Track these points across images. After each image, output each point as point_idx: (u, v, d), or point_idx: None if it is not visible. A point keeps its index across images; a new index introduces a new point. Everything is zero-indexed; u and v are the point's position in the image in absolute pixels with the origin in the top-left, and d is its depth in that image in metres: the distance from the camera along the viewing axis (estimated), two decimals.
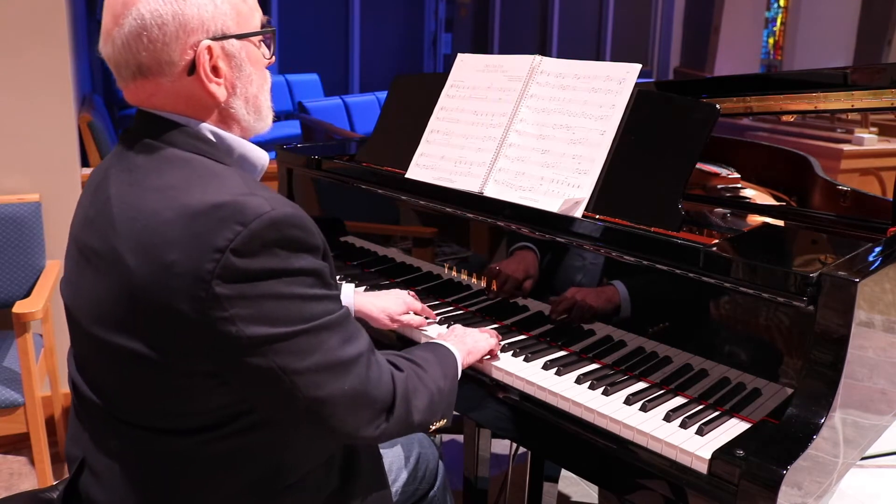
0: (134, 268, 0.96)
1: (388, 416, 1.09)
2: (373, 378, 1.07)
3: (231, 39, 1.05)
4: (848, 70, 1.72)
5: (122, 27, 1.01)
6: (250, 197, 0.96)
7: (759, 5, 9.43)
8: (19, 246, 2.43)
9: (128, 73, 1.04)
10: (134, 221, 0.98)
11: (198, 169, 1.01)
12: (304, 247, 0.99)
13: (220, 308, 0.93)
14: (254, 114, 1.11)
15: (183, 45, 1.01)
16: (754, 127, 4.02)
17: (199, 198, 0.96)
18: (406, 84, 2.04)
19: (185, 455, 1.05)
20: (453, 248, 1.75)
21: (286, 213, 0.97)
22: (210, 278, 0.92)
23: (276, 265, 0.95)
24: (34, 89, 2.47)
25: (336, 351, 1.01)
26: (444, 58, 9.46)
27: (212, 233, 0.93)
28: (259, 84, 1.12)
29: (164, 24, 1.00)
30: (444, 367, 1.27)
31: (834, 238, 1.56)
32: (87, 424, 1.13)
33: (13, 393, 2.16)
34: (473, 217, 1.67)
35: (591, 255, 1.47)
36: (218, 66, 1.04)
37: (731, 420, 1.26)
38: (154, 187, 1.00)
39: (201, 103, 1.06)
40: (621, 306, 1.43)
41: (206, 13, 1.02)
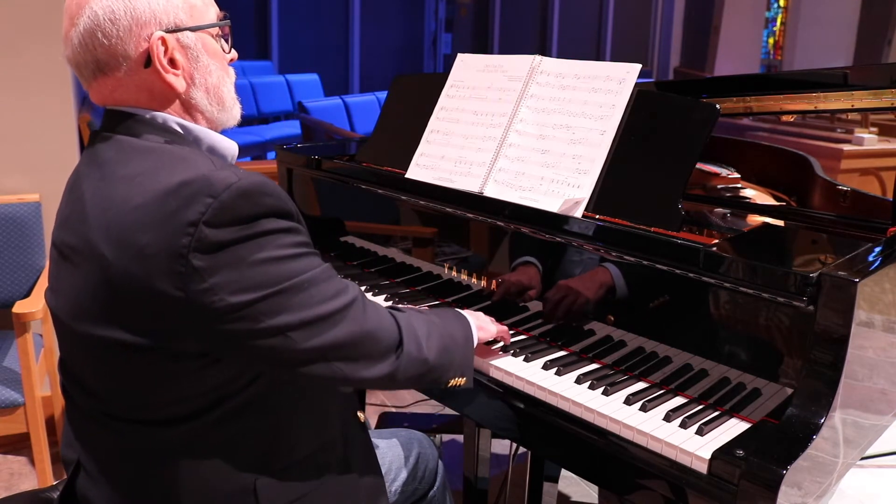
0: (110, 257, 0.97)
1: (398, 351, 1.10)
2: (371, 319, 1.07)
3: (185, 32, 1.08)
4: (848, 70, 1.72)
5: (77, 27, 1.04)
6: (217, 171, 0.98)
7: (759, 5, 9.42)
8: (19, 246, 2.44)
9: (88, 73, 1.08)
10: (106, 212, 1.00)
11: (164, 156, 1.03)
12: (276, 211, 1.00)
13: (200, 280, 0.94)
14: (216, 105, 1.14)
15: (137, 38, 1.04)
16: (754, 127, 4.01)
17: (167, 179, 0.98)
18: (406, 84, 2.04)
19: (179, 444, 1.05)
20: (453, 248, 1.76)
21: (254, 181, 0.99)
22: (187, 252, 0.94)
23: (249, 232, 0.97)
24: (34, 89, 2.47)
25: (325, 303, 1.02)
26: (444, 58, 9.45)
27: (183, 209, 0.95)
28: (220, 76, 1.14)
29: (116, 20, 1.03)
30: (456, 320, 1.28)
31: (834, 238, 1.56)
32: (79, 427, 1.14)
33: (13, 393, 2.16)
34: (473, 217, 1.67)
35: (591, 255, 1.47)
36: (174, 57, 1.07)
37: (731, 420, 1.26)
38: (123, 177, 1.02)
39: (162, 95, 1.09)
40: (615, 287, 1.42)
41: (157, 6, 1.05)
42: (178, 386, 1.02)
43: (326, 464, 1.18)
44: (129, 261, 0.96)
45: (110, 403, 1.07)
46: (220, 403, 1.04)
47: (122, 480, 1.08)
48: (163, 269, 0.94)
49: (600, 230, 1.45)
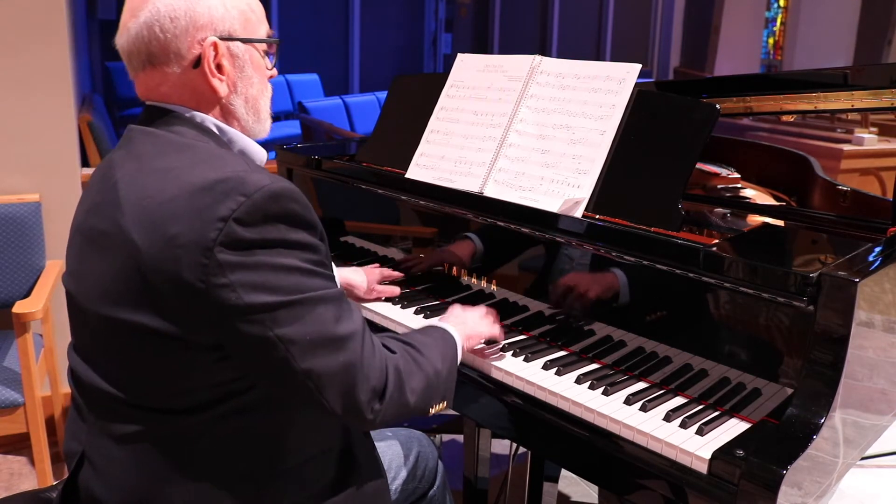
0: (140, 243, 1.00)
1: (382, 398, 1.10)
2: (366, 356, 1.08)
3: (237, 42, 1.14)
4: (848, 70, 1.72)
5: (137, 18, 1.09)
6: (251, 173, 1.02)
7: (759, 5, 9.42)
8: (19, 246, 2.43)
9: (138, 63, 1.12)
10: (140, 200, 1.03)
11: (200, 152, 1.08)
12: (303, 221, 1.04)
13: (221, 275, 0.97)
14: (253, 115, 1.19)
15: (191, 38, 1.09)
16: (754, 127, 4.01)
17: (202, 175, 1.01)
18: (406, 84, 2.04)
19: (187, 436, 1.06)
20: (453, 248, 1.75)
21: (286, 186, 1.03)
22: (213, 246, 0.97)
23: (277, 236, 1.01)
24: (34, 89, 2.47)
25: (331, 325, 1.04)
26: (444, 58, 9.46)
27: (215, 204, 0.98)
28: (260, 88, 1.19)
29: (176, 18, 1.08)
30: (442, 349, 1.27)
31: (834, 238, 1.56)
32: (87, 416, 1.14)
33: (13, 393, 2.16)
34: (473, 217, 1.67)
35: (590, 255, 1.47)
36: (222, 63, 1.12)
37: (731, 420, 1.26)
38: (159, 169, 1.05)
39: (204, 97, 1.13)
40: (619, 291, 1.42)
41: (216, 13, 1.11)
42: (191, 376, 1.04)
43: (330, 465, 1.18)
44: (159, 249, 0.99)
45: (122, 388, 1.08)
46: (230, 398, 1.06)
47: (129, 471, 1.09)
48: (189, 260, 0.97)
49: (600, 230, 1.45)
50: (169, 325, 1.01)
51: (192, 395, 1.05)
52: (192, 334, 1.01)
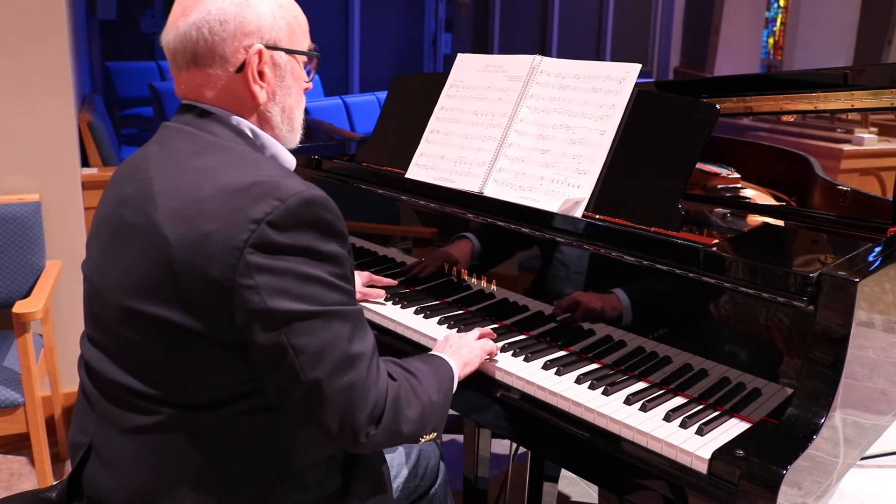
0: (171, 238, 1.01)
1: (377, 423, 1.09)
2: (371, 380, 1.08)
3: (281, 51, 1.16)
4: (848, 70, 1.72)
5: (188, 18, 1.11)
6: (286, 178, 1.04)
7: (759, 5, 9.42)
8: (19, 246, 2.43)
9: (182, 61, 1.13)
10: (174, 196, 1.04)
11: (236, 154, 1.09)
12: (333, 231, 1.05)
13: (248, 276, 0.98)
14: (287, 124, 1.21)
15: (238, 43, 1.11)
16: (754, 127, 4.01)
17: (238, 177, 1.03)
18: (406, 84, 2.04)
19: (198, 432, 1.07)
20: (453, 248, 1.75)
21: (319, 194, 1.04)
22: (243, 246, 0.98)
23: (307, 243, 1.02)
24: (34, 89, 2.47)
25: (345, 343, 1.04)
26: (444, 58, 9.45)
27: (249, 206, 1.00)
28: (296, 99, 1.21)
29: (225, 21, 1.10)
30: (438, 379, 1.26)
31: (834, 238, 1.56)
32: (99, 407, 1.13)
33: (13, 393, 2.16)
34: (473, 217, 1.67)
35: (590, 255, 1.47)
36: (264, 70, 1.14)
37: (731, 420, 1.26)
38: (194, 167, 1.07)
39: (244, 101, 1.15)
40: (623, 314, 1.43)
41: (264, 21, 1.13)
42: (214, 373, 1.05)
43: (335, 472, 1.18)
44: (190, 245, 1.00)
45: (142, 381, 1.08)
46: (248, 396, 1.07)
47: (137, 464, 1.08)
48: (219, 259, 0.99)
49: (600, 230, 1.45)
50: (194, 322, 1.02)
51: (211, 390, 1.06)
52: (217, 332, 1.02)
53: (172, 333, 1.03)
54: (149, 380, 1.07)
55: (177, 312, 1.02)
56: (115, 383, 1.10)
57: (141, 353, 1.08)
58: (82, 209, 2.60)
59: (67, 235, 2.56)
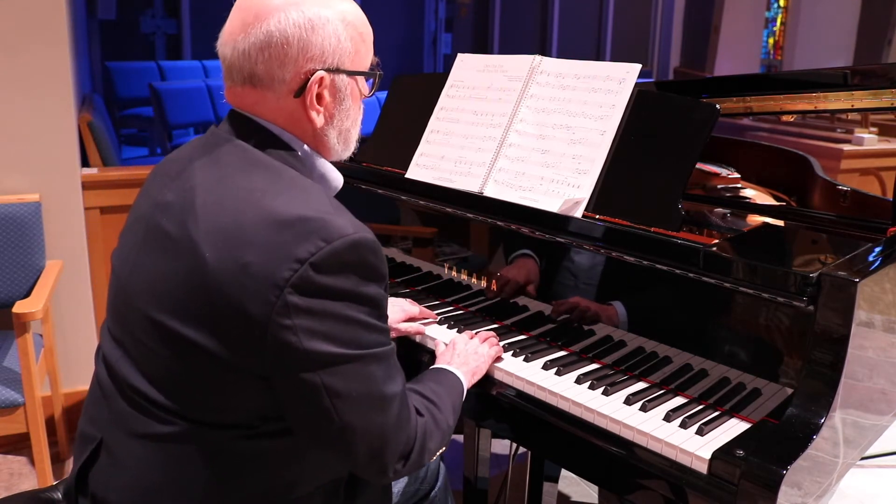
0: (210, 260, 0.98)
1: (406, 461, 1.10)
2: (403, 420, 1.08)
3: (342, 75, 1.10)
4: (848, 70, 1.72)
5: (248, 36, 1.05)
6: (335, 216, 1.00)
7: (759, 5, 9.41)
8: (19, 246, 2.43)
9: (239, 78, 1.09)
10: (217, 216, 1.01)
11: (285, 178, 1.05)
12: (376, 275, 1.02)
13: (286, 316, 0.95)
14: (342, 144, 1.17)
15: (298, 68, 1.06)
16: (754, 127, 4.01)
17: (285, 207, 0.99)
18: (406, 84, 2.04)
19: (214, 448, 1.05)
20: (453, 248, 1.76)
21: (366, 238, 1.01)
22: (284, 286, 0.95)
23: (349, 287, 0.99)
24: (34, 89, 2.47)
25: (379, 384, 1.03)
26: (444, 58, 9.45)
27: (294, 243, 0.96)
28: (354, 118, 1.17)
29: (287, 45, 1.05)
30: (453, 400, 1.27)
31: (834, 238, 1.56)
32: (114, 404, 1.12)
33: (13, 393, 2.16)
34: (473, 217, 1.67)
35: (591, 255, 1.47)
36: (323, 94, 1.09)
37: (731, 420, 1.26)
38: (242, 186, 1.03)
39: (299, 123, 1.11)
40: (623, 315, 1.43)
41: (328, 45, 1.07)
42: (233, 397, 1.03)
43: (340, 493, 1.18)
44: (229, 272, 0.97)
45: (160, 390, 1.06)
46: (264, 422, 1.05)
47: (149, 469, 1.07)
48: (257, 293, 0.95)
49: (600, 230, 1.45)
50: (220, 348, 0.99)
51: (228, 413, 1.04)
52: (242, 361, 1.00)
53: (196, 354, 1.00)
54: (166, 391, 1.06)
55: (204, 335, 0.99)
56: (132, 386, 1.08)
57: (161, 364, 1.06)
58: (82, 209, 2.60)
59: (67, 235, 2.56)
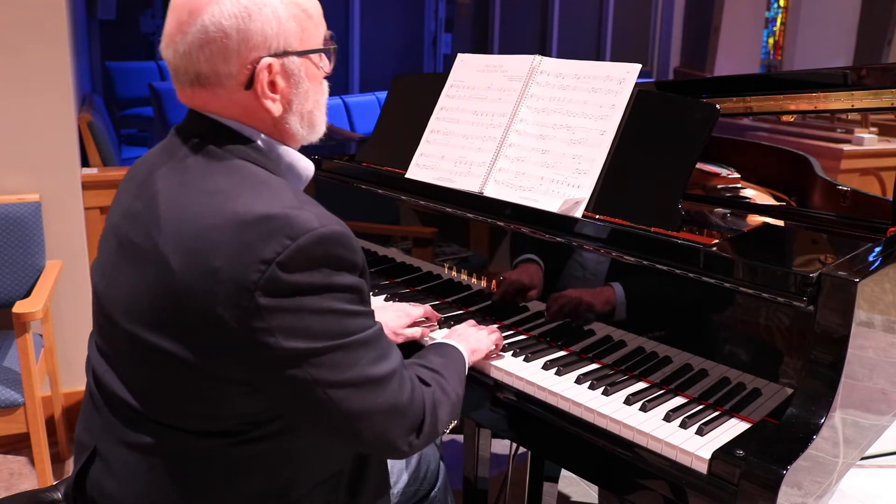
0: (177, 269, 0.96)
1: (419, 432, 1.10)
2: (405, 394, 1.07)
3: (292, 57, 1.05)
4: (848, 70, 1.71)
5: (185, 35, 1.01)
6: (300, 211, 0.97)
7: (759, 5, 9.42)
8: (19, 246, 2.43)
9: (185, 80, 1.05)
10: (180, 222, 0.99)
11: (248, 177, 1.03)
12: (347, 265, 1.00)
13: (260, 319, 0.94)
14: (307, 128, 1.13)
15: (243, 59, 1.02)
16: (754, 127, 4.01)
17: (249, 206, 0.97)
18: (406, 84, 2.04)
19: (205, 457, 1.05)
20: (453, 248, 1.76)
21: (334, 230, 0.98)
22: (254, 289, 0.93)
23: (320, 281, 0.97)
24: (34, 89, 2.47)
25: (371, 367, 1.02)
26: (444, 58, 9.45)
27: (260, 244, 0.94)
28: (315, 100, 1.12)
29: (226, 38, 1.00)
30: (458, 371, 1.27)
31: (834, 238, 1.56)
32: (104, 414, 1.12)
33: (13, 393, 2.16)
34: (473, 217, 1.67)
35: (591, 255, 1.47)
36: (276, 81, 1.05)
37: (731, 420, 1.26)
38: (204, 190, 1.01)
39: (256, 115, 1.07)
40: (616, 308, 1.43)
41: (269, 30, 1.02)
42: (215, 404, 1.02)
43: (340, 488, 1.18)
44: (197, 279, 0.95)
45: (142, 401, 1.06)
46: (254, 427, 1.04)
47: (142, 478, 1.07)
48: (227, 298, 0.94)
49: (600, 230, 1.45)
50: (197, 356, 0.98)
51: (216, 421, 1.03)
52: (222, 368, 0.99)
53: (175, 365, 0.99)
54: (151, 403, 1.05)
55: (181, 346, 0.98)
56: (118, 397, 1.08)
57: (143, 376, 1.05)
58: (82, 209, 2.60)
59: (67, 235, 2.56)
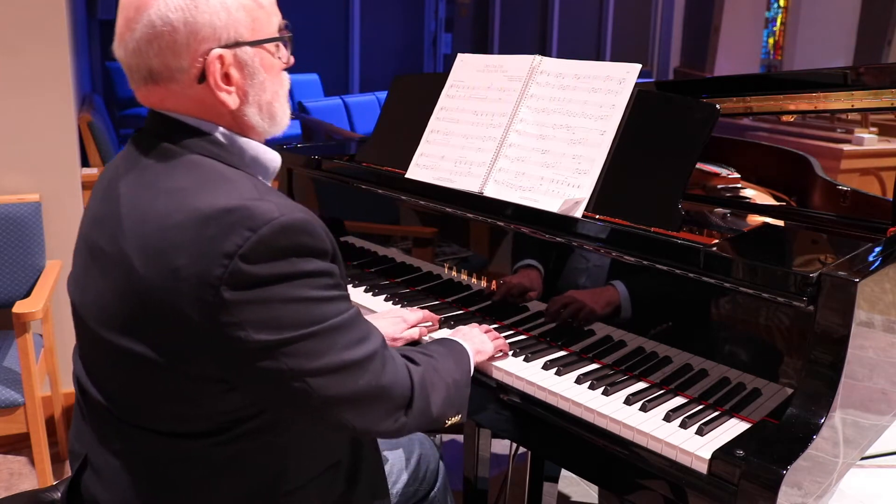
0: (141, 271, 0.96)
1: (408, 410, 1.09)
2: (388, 374, 1.06)
3: (244, 47, 1.03)
4: (848, 70, 1.71)
5: (133, 32, 1.00)
6: (260, 202, 0.96)
7: (759, 5, 9.42)
8: (19, 246, 2.43)
9: (139, 78, 1.04)
10: (142, 224, 0.98)
11: (208, 172, 1.01)
12: (313, 251, 0.98)
13: (228, 314, 0.93)
14: (268, 119, 1.11)
15: (193, 52, 1.00)
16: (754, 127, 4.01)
17: (209, 201, 0.96)
18: (406, 84, 2.04)
19: (190, 458, 1.04)
20: (453, 248, 1.75)
21: (295, 218, 0.96)
22: (218, 284, 0.92)
23: (285, 270, 0.95)
24: (34, 89, 2.47)
25: (348, 351, 1.01)
26: (444, 58, 9.46)
27: (221, 238, 0.93)
28: (273, 91, 1.10)
29: (174, 31, 0.99)
30: (457, 360, 1.27)
31: (834, 238, 1.56)
32: (91, 423, 1.13)
33: (13, 393, 2.16)
34: (473, 217, 1.67)
35: (591, 255, 1.47)
36: (230, 73, 1.03)
37: (731, 420, 1.26)
38: (163, 189, 1.00)
39: (213, 109, 1.05)
40: (621, 306, 1.43)
41: (218, 21, 1.00)
42: (194, 405, 1.01)
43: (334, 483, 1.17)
44: (161, 279, 0.94)
45: (124, 408, 1.06)
46: (235, 425, 1.03)
47: (128, 483, 1.07)
48: (193, 295, 0.93)
49: (600, 230, 1.45)
50: (167, 357, 0.97)
51: (193, 421, 1.03)
52: (194, 366, 0.98)
53: (149, 368, 0.99)
54: (131, 408, 1.05)
55: (153, 349, 0.97)
56: (101, 405, 1.08)
57: (121, 382, 1.05)
58: (82, 209, 2.60)
59: (67, 235, 2.56)
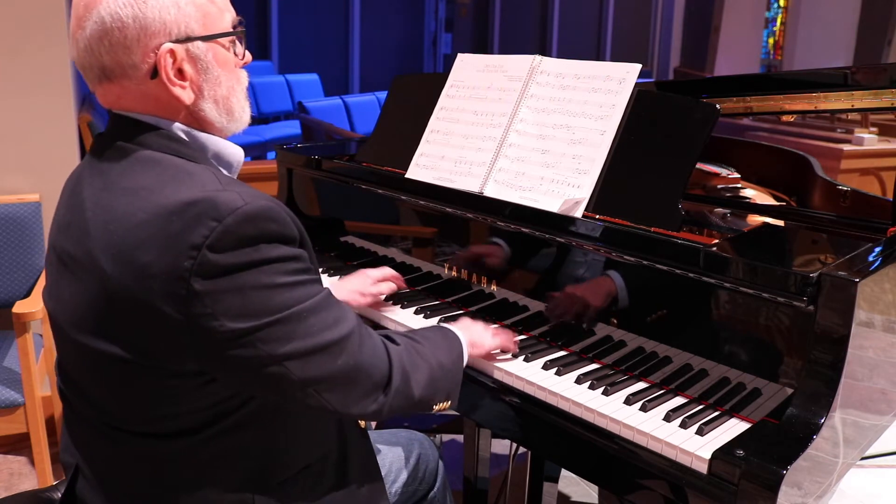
0: (110, 272, 0.96)
1: (387, 389, 1.09)
2: (366, 353, 1.07)
3: (196, 42, 1.03)
4: (848, 70, 1.72)
5: (84, 30, 1.00)
6: (223, 192, 0.96)
7: (759, 5, 9.42)
8: (19, 246, 2.44)
9: (93, 76, 1.04)
10: (107, 224, 0.98)
11: (169, 168, 1.01)
12: (280, 237, 0.99)
13: (200, 304, 0.93)
14: (226, 115, 1.10)
15: (144, 48, 1.00)
16: (754, 127, 4.01)
17: (172, 196, 0.96)
18: (406, 84, 2.04)
19: (177, 457, 1.04)
20: (453, 248, 1.75)
21: (260, 206, 0.97)
22: (188, 276, 0.92)
23: (253, 257, 0.95)
24: (34, 89, 2.47)
25: (324, 333, 1.01)
26: (444, 58, 9.46)
27: (187, 231, 0.93)
28: (229, 86, 1.10)
29: (124, 27, 0.99)
30: (446, 345, 1.26)
31: (834, 238, 1.56)
32: (77, 431, 1.13)
33: (13, 393, 2.17)
34: (473, 217, 1.67)
35: (591, 255, 1.47)
36: (183, 68, 1.03)
37: (731, 420, 1.26)
38: (126, 189, 1.00)
39: (170, 105, 1.05)
40: (618, 296, 1.42)
41: (167, 15, 1.00)
42: (177, 402, 1.01)
43: (324, 473, 1.17)
44: (131, 279, 0.95)
45: (108, 413, 1.06)
46: (220, 419, 1.03)
47: (120, 488, 1.08)
48: (164, 291, 0.93)
49: (600, 230, 1.45)
50: (143, 356, 0.97)
51: (177, 419, 1.02)
52: (172, 362, 0.98)
53: (128, 369, 0.99)
54: (113, 413, 1.05)
55: (130, 349, 0.97)
56: (84, 412, 1.09)
57: (101, 385, 1.05)
58: None
59: None
